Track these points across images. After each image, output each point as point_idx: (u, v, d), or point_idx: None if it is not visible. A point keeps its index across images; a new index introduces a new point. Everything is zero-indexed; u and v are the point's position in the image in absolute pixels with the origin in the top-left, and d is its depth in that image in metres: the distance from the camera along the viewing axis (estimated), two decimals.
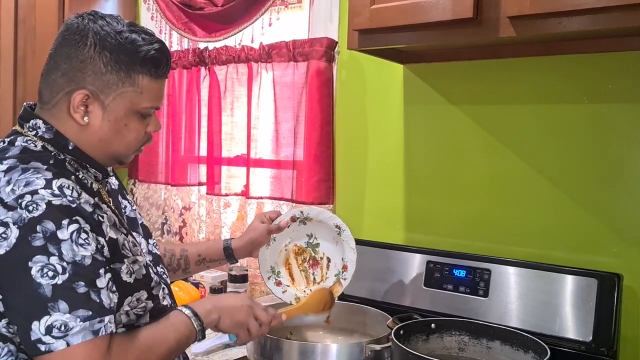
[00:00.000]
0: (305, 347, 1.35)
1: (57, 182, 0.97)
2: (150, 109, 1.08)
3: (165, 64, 1.08)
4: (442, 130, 1.72)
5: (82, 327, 0.92)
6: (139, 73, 1.04)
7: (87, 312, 0.93)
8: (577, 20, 1.20)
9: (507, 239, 1.60)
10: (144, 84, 1.05)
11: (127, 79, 1.04)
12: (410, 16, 1.36)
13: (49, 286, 0.91)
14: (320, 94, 1.89)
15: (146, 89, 1.06)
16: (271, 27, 2.03)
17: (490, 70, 1.63)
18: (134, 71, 1.04)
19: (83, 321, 0.92)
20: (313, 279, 1.46)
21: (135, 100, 1.06)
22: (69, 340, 0.91)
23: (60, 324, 0.91)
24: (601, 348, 1.34)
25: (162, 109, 2.34)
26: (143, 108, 1.07)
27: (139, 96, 1.06)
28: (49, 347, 0.90)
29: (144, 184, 2.43)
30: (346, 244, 1.46)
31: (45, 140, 1.05)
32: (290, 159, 1.99)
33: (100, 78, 1.03)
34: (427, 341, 1.38)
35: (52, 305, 0.91)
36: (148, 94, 1.07)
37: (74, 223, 0.95)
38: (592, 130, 1.49)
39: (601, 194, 1.48)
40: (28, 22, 2.31)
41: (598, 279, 1.37)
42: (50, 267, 0.92)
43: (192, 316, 1.11)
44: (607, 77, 1.46)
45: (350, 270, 1.44)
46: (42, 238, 0.92)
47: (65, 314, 0.91)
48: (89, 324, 0.92)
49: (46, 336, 0.90)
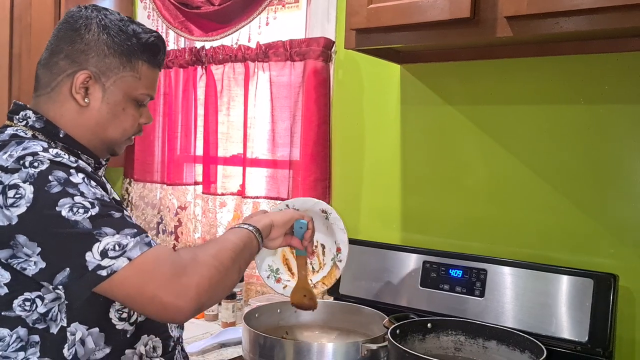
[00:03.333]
0: (301, 346, 1.34)
1: (53, 150, 0.98)
2: (145, 96, 1.12)
3: (163, 52, 1.14)
4: (439, 131, 1.72)
5: (136, 242, 0.92)
6: (138, 59, 1.09)
7: (133, 229, 0.94)
8: (574, 21, 1.20)
9: (504, 239, 1.60)
10: (142, 70, 1.10)
11: (127, 64, 1.08)
12: (408, 16, 1.36)
13: (86, 220, 0.91)
14: (317, 94, 1.89)
15: (144, 76, 1.10)
16: (268, 26, 2.02)
17: (487, 70, 1.63)
18: (135, 56, 1.09)
19: (133, 237, 0.93)
20: (312, 268, 1.45)
21: (133, 85, 1.09)
22: (129, 256, 0.91)
23: (114, 244, 0.91)
24: (597, 348, 1.34)
25: (158, 108, 2.34)
26: (140, 94, 1.11)
27: (137, 82, 1.10)
28: (111, 268, 0.90)
29: (139, 183, 2.42)
30: (335, 227, 1.44)
31: (36, 130, 1.06)
32: (286, 158, 1.98)
33: (103, 60, 1.07)
34: (423, 341, 1.38)
35: (98, 232, 0.91)
36: (145, 81, 1.11)
37: (81, 172, 0.97)
38: (589, 131, 1.49)
39: (597, 194, 1.48)
40: (24, 20, 2.30)
41: (594, 279, 1.37)
42: (79, 205, 0.92)
43: (244, 223, 1.15)
44: (604, 78, 1.47)
45: (344, 252, 1.43)
46: (58, 185, 0.92)
47: (113, 235, 0.91)
48: (139, 238, 0.93)
49: (104, 260, 0.90)
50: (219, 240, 1.09)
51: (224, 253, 1.02)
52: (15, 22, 2.32)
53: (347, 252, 1.41)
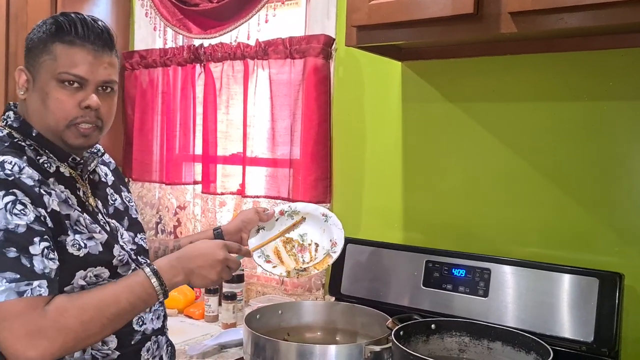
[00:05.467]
0: (303, 348, 1.32)
1: (0, 158, 1.04)
2: (67, 75, 1.11)
3: (75, 29, 1.12)
4: (441, 129, 1.70)
5: (7, 287, 0.96)
6: (52, 42, 1.12)
7: (15, 274, 0.98)
8: (578, 16, 1.19)
9: (507, 238, 1.59)
10: (57, 50, 1.11)
11: (44, 50, 1.12)
12: (410, 12, 1.34)
13: None
14: (317, 92, 1.87)
15: (59, 55, 1.11)
16: (267, 23, 2.00)
17: (489, 67, 1.61)
18: (49, 41, 1.12)
19: (9, 282, 0.97)
20: (302, 260, 1.45)
21: (51, 68, 1.11)
22: None
23: None
24: (602, 348, 1.32)
25: (156, 106, 2.32)
26: (59, 74, 1.11)
27: (54, 63, 1.11)
28: None
29: (138, 182, 2.40)
30: (333, 227, 1.48)
31: (13, 128, 1.15)
32: (286, 157, 1.96)
33: (29, 54, 1.15)
34: (427, 342, 1.36)
35: None
36: (62, 60, 1.11)
37: (10, 195, 1.01)
38: (593, 128, 1.48)
39: (602, 192, 1.47)
40: (20, 19, 2.28)
41: (599, 278, 1.36)
42: None
43: (153, 276, 1.10)
44: (608, 74, 1.45)
45: (339, 245, 1.45)
46: None
47: None
48: (14, 285, 0.97)
49: None
50: (105, 297, 1.06)
51: (99, 319, 1.04)
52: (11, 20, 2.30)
53: (342, 246, 1.44)
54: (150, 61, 2.30)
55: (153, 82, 2.32)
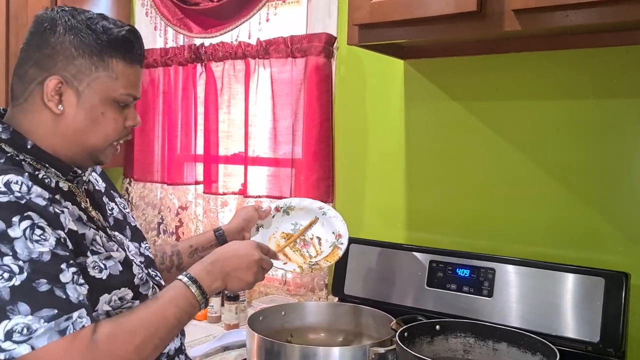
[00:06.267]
0: (307, 350, 1.31)
1: (3, 178, 0.92)
2: (126, 96, 1.05)
3: (139, 47, 1.05)
4: (444, 127, 1.69)
5: (47, 328, 0.86)
6: (111, 57, 1.02)
7: (52, 310, 0.87)
8: (584, 13, 1.17)
9: (512, 237, 1.57)
10: (118, 69, 1.02)
11: (100, 63, 1.01)
12: (412, 10, 1.33)
13: (6, 289, 0.86)
14: (319, 91, 1.86)
15: (121, 74, 1.03)
16: (268, 22, 1.99)
17: (492, 65, 1.59)
18: (106, 55, 1.01)
19: (48, 321, 0.86)
20: (309, 255, 1.44)
21: (110, 87, 1.02)
22: (33, 344, 0.85)
23: (22, 327, 0.85)
24: (609, 348, 1.31)
25: (157, 107, 2.31)
26: (120, 95, 1.03)
27: (114, 82, 1.02)
28: (10, 353, 0.85)
29: (139, 183, 2.39)
30: (333, 219, 1.47)
31: (3, 141, 1.01)
32: (288, 156, 1.95)
33: (72, 63, 1.00)
34: (431, 343, 1.35)
35: (12, 308, 0.85)
36: (123, 80, 1.03)
37: (26, 219, 0.90)
38: (598, 126, 1.46)
39: (607, 191, 1.45)
40: (20, 19, 2.27)
41: (605, 277, 1.34)
42: (5, 268, 0.87)
43: (195, 289, 1.04)
44: (613, 71, 1.44)
45: (345, 237, 1.44)
46: None
47: (26, 316, 0.86)
48: (54, 323, 0.87)
49: (6, 342, 0.85)
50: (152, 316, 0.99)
51: (151, 341, 0.96)
52: (11, 20, 2.29)
53: (347, 237, 1.43)
54: (151, 61, 2.29)
55: (154, 82, 2.31)
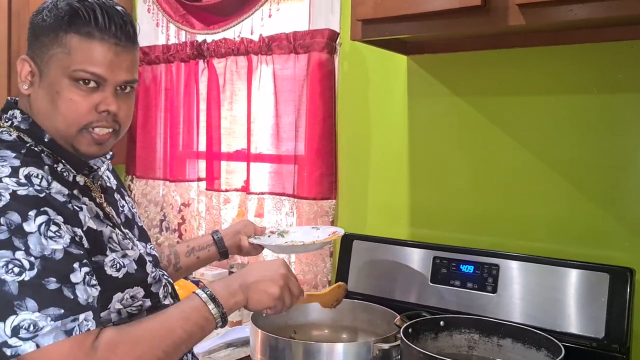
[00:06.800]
0: (310, 347, 1.31)
1: (24, 170, 0.92)
2: (82, 73, 0.96)
3: (92, 16, 0.96)
4: (448, 123, 1.68)
5: (53, 327, 0.85)
6: (65, 32, 0.96)
7: (59, 310, 0.86)
8: (589, 7, 1.17)
9: (516, 233, 1.56)
10: (72, 44, 0.96)
11: (56, 40, 0.96)
12: (416, 4, 1.32)
13: (15, 283, 0.85)
14: (321, 87, 1.85)
15: (75, 49, 0.96)
16: (271, 18, 1.98)
17: (496, 60, 1.59)
18: (62, 30, 0.96)
19: (54, 320, 0.85)
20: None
21: (64, 63, 0.96)
22: (38, 342, 0.84)
23: (29, 323, 0.84)
24: (613, 344, 1.30)
25: (160, 103, 2.30)
26: (73, 71, 0.96)
27: (68, 57, 0.96)
28: (16, 350, 0.84)
29: (141, 180, 2.39)
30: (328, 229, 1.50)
31: (21, 131, 1.00)
32: (291, 153, 1.95)
33: (36, 42, 0.98)
34: (436, 339, 1.35)
35: (19, 303, 0.84)
36: (78, 55, 0.96)
37: (42, 215, 0.89)
38: (602, 121, 1.45)
39: (611, 186, 1.45)
40: (22, 17, 2.26)
41: (610, 273, 1.34)
42: (16, 262, 0.86)
43: (209, 301, 1.00)
44: (617, 66, 1.43)
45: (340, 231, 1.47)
46: (6, 231, 0.86)
47: (34, 312, 0.85)
48: (60, 323, 0.86)
49: (12, 338, 0.84)
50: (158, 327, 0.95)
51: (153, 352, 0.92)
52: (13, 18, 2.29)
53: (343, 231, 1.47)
54: (153, 57, 2.29)
55: (156, 79, 2.31)
